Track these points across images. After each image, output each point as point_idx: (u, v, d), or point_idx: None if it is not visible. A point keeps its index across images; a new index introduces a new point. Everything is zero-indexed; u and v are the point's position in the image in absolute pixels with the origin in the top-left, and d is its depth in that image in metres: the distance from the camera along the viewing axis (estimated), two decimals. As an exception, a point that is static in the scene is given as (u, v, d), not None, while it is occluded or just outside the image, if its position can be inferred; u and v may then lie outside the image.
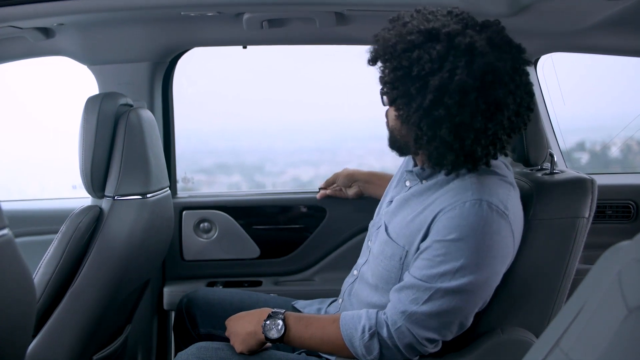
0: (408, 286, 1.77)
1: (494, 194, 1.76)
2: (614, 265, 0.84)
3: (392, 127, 1.90)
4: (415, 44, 1.70)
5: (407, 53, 1.70)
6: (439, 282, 1.72)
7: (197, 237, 2.95)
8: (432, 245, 1.76)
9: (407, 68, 1.70)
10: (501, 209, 1.74)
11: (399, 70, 1.72)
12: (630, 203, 2.94)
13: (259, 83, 3.08)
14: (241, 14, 2.45)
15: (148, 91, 2.82)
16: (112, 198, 2.25)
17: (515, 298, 1.92)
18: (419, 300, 1.74)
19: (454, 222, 1.73)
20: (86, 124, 2.18)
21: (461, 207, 1.73)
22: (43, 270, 2.10)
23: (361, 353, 1.79)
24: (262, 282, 2.92)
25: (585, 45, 2.72)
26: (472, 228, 1.71)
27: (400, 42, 1.71)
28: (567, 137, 3.07)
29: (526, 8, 2.13)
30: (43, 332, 2.12)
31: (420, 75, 1.68)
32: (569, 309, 0.91)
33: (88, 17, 2.46)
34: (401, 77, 1.72)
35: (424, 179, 1.93)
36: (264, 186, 3.22)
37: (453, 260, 1.71)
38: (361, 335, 1.79)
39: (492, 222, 1.72)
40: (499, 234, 1.74)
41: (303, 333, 1.87)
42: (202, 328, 2.32)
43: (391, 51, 1.72)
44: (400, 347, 1.77)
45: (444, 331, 1.77)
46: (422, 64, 1.68)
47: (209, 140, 3.14)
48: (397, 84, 1.73)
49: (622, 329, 0.77)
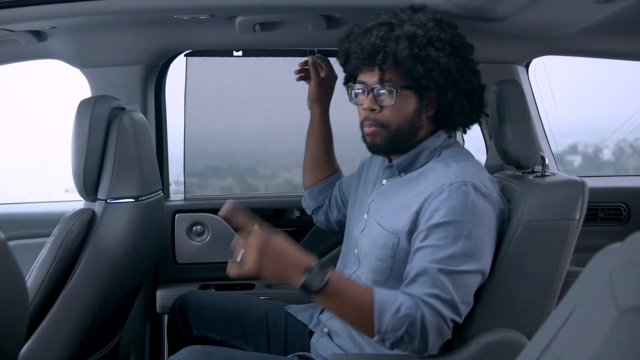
0: (421, 273, 1.78)
1: (476, 177, 1.87)
2: (606, 268, 0.84)
3: (404, 119, 1.96)
4: (435, 27, 1.92)
5: (440, 34, 1.91)
6: (447, 264, 1.77)
7: (190, 240, 2.95)
8: (429, 231, 1.81)
9: (444, 47, 1.90)
10: (484, 190, 1.85)
11: (440, 51, 1.89)
12: (621, 206, 2.95)
13: (251, 86, 3.08)
14: (234, 18, 2.45)
15: (141, 94, 2.81)
16: (105, 201, 2.24)
17: (506, 300, 1.92)
18: (437, 282, 1.75)
19: (444, 205, 1.81)
20: (79, 127, 2.18)
21: (449, 190, 1.83)
22: (35, 273, 2.10)
23: (385, 329, 1.72)
24: (254, 285, 2.92)
25: (576, 48, 2.74)
26: (464, 207, 1.80)
27: (427, 29, 1.90)
28: (559, 140, 3.07)
29: (518, 12, 2.14)
30: (35, 335, 2.12)
31: (455, 50, 1.93)
32: (561, 311, 0.91)
33: (80, 20, 2.45)
34: (445, 56, 1.89)
35: (403, 171, 2.02)
36: (257, 189, 3.21)
37: (454, 242, 1.78)
38: (395, 311, 1.72)
39: (478, 201, 1.83)
40: (485, 212, 1.85)
41: (339, 295, 1.73)
42: (195, 331, 2.32)
43: (427, 38, 1.89)
44: (429, 331, 1.73)
45: (462, 310, 1.80)
46: (451, 40, 1.92)
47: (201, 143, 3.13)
48: (446, 62, 1.89)
49: (613, 330, 0.78)
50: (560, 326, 0.89)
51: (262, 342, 2.29)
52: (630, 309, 0.77)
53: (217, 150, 3.33)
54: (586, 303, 0.86)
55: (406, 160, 2.01)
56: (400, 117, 1.95)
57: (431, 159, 2.00)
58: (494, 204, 1.88)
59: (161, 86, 2.97)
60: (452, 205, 1.80)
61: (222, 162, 3.36)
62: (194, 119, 3.03)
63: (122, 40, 2.70)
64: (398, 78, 1.92)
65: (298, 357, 2.10)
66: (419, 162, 2.01)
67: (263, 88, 3.09)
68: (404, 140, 1.98)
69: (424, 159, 2.00)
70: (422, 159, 2.00)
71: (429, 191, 1.87)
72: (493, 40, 2.65)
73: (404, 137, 1.98)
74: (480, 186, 1.85)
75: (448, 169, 1.90)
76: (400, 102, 1.93)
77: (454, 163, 1.92)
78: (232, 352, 1.97)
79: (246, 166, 2.33)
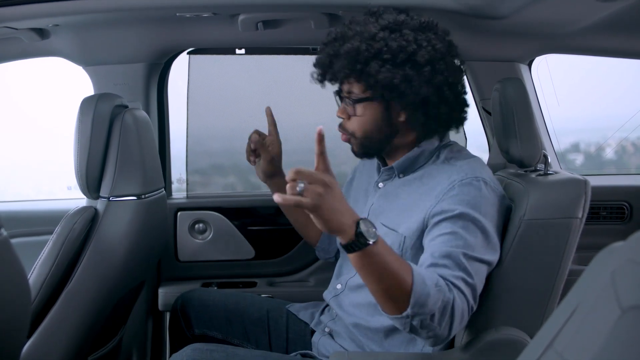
0: (441, 257, 1.74)
1: (484, 173, 1.91)
2: (608, 266, 0.84)
3: (369, 128, 1.97)
4: (388, 37, 1.88)
5: (389, 44, 1.87)
6: (469, 249, 1.77)
7: (192, 238, 2.95)
8: (445, 222, 1.81)
9: (393, 58, 1.86)
10: (493, 185, 1.90)
11: (387, 63, 1.86)
12: (624, 204, 2.94)
13: (253, 84, 3.08)
14: (236, 15, 2.45)
15: (143, 92, 2.82)
16: (107, 199, 2.25)
17: (508, 298, 1.92)
18: (462, 266, 1.73)
19: (457, 199, 1.83)
20: (81, 125, 2.18)
21: (460, 186, 1.85)
22: (38, 271, 2.10)
23: (422, 302, 1.60)
24: (256, 283, 2.92)
25: (579, 46, 2.74)
26: (477, 201, 1.83)
27: (374, 41, 1.87)
28: (561, 139, 3.07)
29: (520, 10, 2.14)
30: (38, 332, 2.12)
31: (408, 58, 1.87)
32: (563, 309, 0.91)
33: (83, 18, 2.46)
34: (392, 68, 1.86)
35: (402, 172, 2.03)
36: (259, 187, 3.21)
37: (472, 233, 1.79)
38: (434, 285, 1.63)
39: (489, 196, 1.86)
40: (496, 206, 1.89)
41: (385, 256, 1.59)
42: (196, 329, 2.32)
43: (372, 52, 1.86)
44: (455, 315, 1.67)
45: (477, 297, 1.78)
46: (404, 48, 1.86)
47: (203, 141, 3.13)
48: (388, 76, 1.86)
49: (616, 329, 0.78)
50: (563, 324, 0.89)
51: (263, 341, 2.29)
52: (632, 307, 0.77)
53: (219, 148, 3.33)
54: (588, 301, 0.86)
55: (406, 161, 2.02)
56: (364, 126, 1.97)
57: (431, 159, 2.01)
58: (503, 199, 1.93)
59: (164, 84, 2.97)
60: (465, 200, 1.82)
61: (224, 160, 3.36)
62: (197, 117, 3.03)
63: (125, 38, 2.70)
64: (360, 89, 1.94)
65: (300, 355, 2.10)
66: (419, 162, 2.02)
67: (265, 86, 3.09)
68: (377, 146, 2.01)
69: (423, 160, 2.02)
70: (422, 159, 2.02)
71: (439, 188, 1.88)
72: (495, 38, 2.65)
73: (376, 144, 2.00)
74: (490, 181, 1.90)
75: (455, 166, 1.93)
76: (364, 112, 1.96)
77: (459, 161, 1.95)
78: (233, 350, 1.97)
79: (248, 164, 2.34)
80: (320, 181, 1.51)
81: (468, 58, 2.69)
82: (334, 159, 3.18)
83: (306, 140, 2.51)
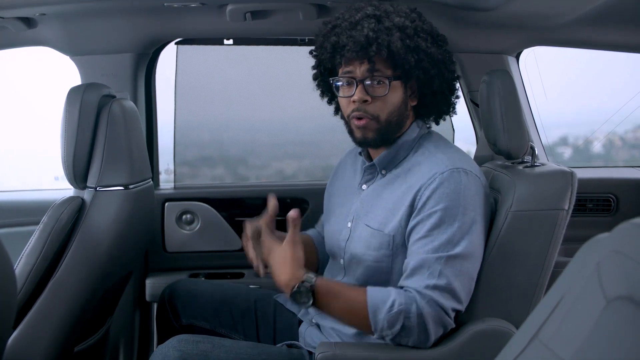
0: (419, 266, 1.82)
1: (464, 162, 1.92)
2: (594, 257, 0.84)
3: (393, 110, 1.97)
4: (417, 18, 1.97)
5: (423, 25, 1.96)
6: (445, 250, 1.81)
7: (180, 229, 2.95)
8: (424, 220, 1.84)
9: (430, 36, 1.96)
10: (473, 173, 1.91)
11: (427, 42, 1.94)
12: (610, 196, 2.96)
13: (242, 75, 3.07)
14: (224, 5, 2.44)
15: (131, 82, 2.81)
16: (94, 189, 2.24)
17: (495, 289, 1.93)
18: (435, 272, 1.79)
19: (438, 193, 1.85)
20: (68, 115, 2.17)
21: (440, 178, 1.86)
22: (24, 261, 2.09)
23: (381, 326, 1.79)
24: (244, 274, 2.92)
25: (567, 39, 2.74)
26: (457, 193, 1.84)
27: (411, 21, 1.94)
28: (550, 132, 3.08)
29: (508, 1, 2.14)
30: (24, 323, 2.11)
31: (433, 38, 1.97)
32: (549, 300, 0.91)
33: (70, 7, 2.45)
34: (431, 46, 1.94)
35: (384, 168, 2.04)
36: (248, 179, 3.21)
37: (449, 227, 1.82)
38: (389, 308, 1.78)
39: (470, 185, 1.87)
40: (478, 195, 1.89)
41: (330, 304, 1.85)
42: (184, 319, 2.31)
43: (415, 29, 1.93)
44: (428, 323, 1.78)
45: (464, 297, 1.84)
46: (431, 28, 1.98)
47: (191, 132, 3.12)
48: (413, 59, 1.91)
49: (601, 319, 0.78)
50: (548, 315, 0.89)
51: (251, 331, 2.29)
52: (617, 297, 0.77)
53: (207, 139, 3.33)
54: (574, 292, 0.86)
55: (387, 156, 2.03)
56: (390, 107, 1.96)
57: (411, 152, 2.02)
58: (484, 187, 1.93)
59: (151, 74, 2.96)
60: (444, 192, 1.84)
61: (212, 151, 3.36)
62: (185, 108, 3.02)
63: (112, 27, 2.69)
64: (388, 69, 1.93)
65: (287, 346, 2.10)
66: (400, 156, 2.02)
67: (254, 77, 3.09)
68: (393, 130, 1.99)
69: (404, 153, 2.02)
70: (402, 153, 2.02)
71: (420, 183, 1.89)
72: (483, 30, 2.65)
73: (393, 127, 1.99)
74: (470, 170, 1.90)
75: (435, 159, 1.93)
76: (391, 93, 1.94)
77: (438, 153, 1.96)
78: (220, 340, 1.97)
79: (237, 156, 2.32)
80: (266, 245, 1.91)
81: (456, 50, 2.69)
82: (320, 151, 3.19)
83: (293, 131, 2.50)
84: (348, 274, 2.05)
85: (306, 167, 3.33)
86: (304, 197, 2.94)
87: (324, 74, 2.10)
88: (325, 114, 2.26)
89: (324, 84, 2.13)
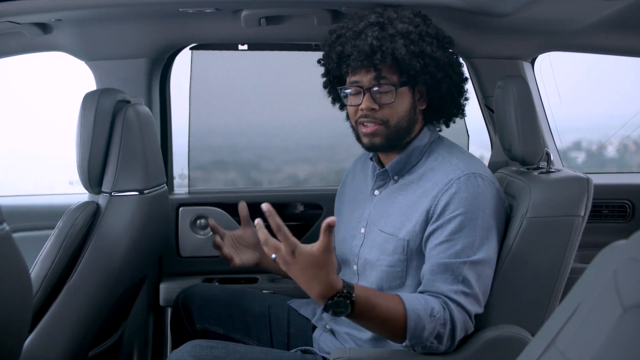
0: (440, 271, 1.81)
1: (478, 167, 1.93)
2: (610, 264, 0.84)
3: (402, 115, 1.97)
4: (421, 22, 1.98)
5: (428, 29, 1.96)
6: (467, 255, 1.81)
7: (194, 234, 2.95)
8: (444, 225, 1.84)
9: (436, 40, 1.96)
10: (489, 178, 1.91)
11: (432, 46, 1.94)
12: (626, 202, 2.94)
13: (256, 80, 3.08)
14: (239, 11, 2.45)
15: (146, 88, 2.81)
16: (109, 194, 2.25)
17: (510, 296, 1.93)
18: (459, 277, 1.79)
19: (457, 198, 1.85)
20: (83, 120, 2.18)
21: (458, 184, 1.86)
22: (40, 265, 2.10)
23: (420, 335, 1.73)
24: (258, 278, 2.92)
25: (582, 44, 2.73)
26: (475, 198, 1.84)
27: (415, 26, 1.95)
28: (563, 137, 3.07)
29: (523, 7, 2.13)
30: (39, 327, 2.12)
31: (440, 43, 1.98)
32: (565, 307, 0.91)
33: (86, 13, 2.46)
34: (437, 50, 1.95)
35: (397, 174, 2.04)
36: (261, 183, 3.21)
37: (470, 232, 1.82)
38: (430, 317, 1.73)
39: (487, 190, 1.88)
40: (494, 200, 1.90)
41: (367, 314, 1.70)
42: (198, 324, 2.32)
43: (419, 34, 1.93)
44: (457, 329, 1.78)
45: (483, 302, 1.85)
46: (437, 32, 1.99)
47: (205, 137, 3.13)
48: (418, 64, 1.91)
49: (617, 327, 0.78)
50: (565, 322, 0.89)
51: (264, 336, 2.29)
52: (634, 306, 0.77)
53: (221, 144, 3.33)
54: (590, 300, 0.86)
55: (400, 162, 2.03)
56: (398, 113, 1.97)
57: (423, 158, 2.02)
58: (499, 192, 1.94)
59: (166, 79, 2.97)
60: (463, 198, 1.84)
61: (226, 156, 3.36)
62: (199, 113, 3.03)
63: (127, 33, 2.70)
64: (394, 75, 1.94)
65: (301, 351, 2.10)
66: (412, 162, 2.03)
67: (268, 82, 3.09)
68: (402, 135, 2.00)
69: (416, 158, 2.02)
70: (414, 159, 2.02)
71: (436, 188, 1.89)
72: (498, 35, 2.65)
73: (402, 132, 1.99)
74: (485, 175, 1.91)
75: (450, 164, 1.93)
76: (398, 99, 1.95)
77: (452, 158, 1.96)
78: (234, 346, 1.98)
79: (250, 160, 2.33)
80: (287, 251, 1.64)
81: (471, 55, 2.69)
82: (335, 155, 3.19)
83: (308, 137, 2.50)
84: (362, 279, 2.05)
85: (320, 171, 3.33)
86: (318, 202, 2.93)
87: (332, 82, 2.11)
88: (338, 118, 2.27)
89: (334, 91, 2.13)
